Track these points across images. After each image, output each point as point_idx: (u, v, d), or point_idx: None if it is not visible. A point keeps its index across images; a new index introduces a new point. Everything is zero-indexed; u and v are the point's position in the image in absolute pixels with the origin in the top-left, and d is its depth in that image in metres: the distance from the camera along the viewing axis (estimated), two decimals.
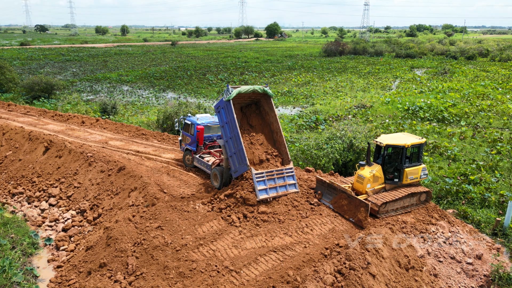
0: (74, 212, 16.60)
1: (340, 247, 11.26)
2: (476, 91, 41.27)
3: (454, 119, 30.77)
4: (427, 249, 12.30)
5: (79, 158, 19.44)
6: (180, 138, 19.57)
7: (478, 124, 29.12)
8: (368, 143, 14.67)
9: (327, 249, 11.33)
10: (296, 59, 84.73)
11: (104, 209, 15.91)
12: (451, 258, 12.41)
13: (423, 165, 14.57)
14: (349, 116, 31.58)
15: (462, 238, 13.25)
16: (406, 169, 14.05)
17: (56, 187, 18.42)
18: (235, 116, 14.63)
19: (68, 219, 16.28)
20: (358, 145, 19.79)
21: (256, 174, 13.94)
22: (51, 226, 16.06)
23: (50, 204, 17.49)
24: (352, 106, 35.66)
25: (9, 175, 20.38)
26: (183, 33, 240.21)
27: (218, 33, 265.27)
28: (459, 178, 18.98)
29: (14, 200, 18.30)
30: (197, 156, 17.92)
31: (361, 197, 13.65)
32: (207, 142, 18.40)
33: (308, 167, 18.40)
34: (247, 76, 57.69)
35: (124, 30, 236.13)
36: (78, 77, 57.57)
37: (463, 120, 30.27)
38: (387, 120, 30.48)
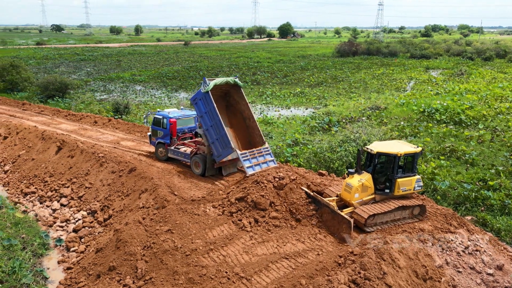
0: (85, 213, 16.55)
1: (355, 255, 10.87)
2: (494, 93, 40.21)
3: (472, 122, 29.95)
4: (446, 259, 11.83)
5: (91, 158, 19.42)
6: (149, 133, 20.34)
7: (496, 127, 28.29)
8: (359, 150, 13.76)
9: (341, 257, 10.97)
10: (308, 59, 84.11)
11: (115, 210, 15.81)
12: (471, 268, 11.91)
13: (417, 176, 13.57)
14: (363, 118, 31.04)
15: (482, 247, 12.72)
16: (398, 180, 13.06)
17: (67, 187, 18.43)
18: (215, 105, 16.08)
19: (79, 219, 16.23)
20: None
21: (241, 154, 15.66)
22: (62, 227, 16.03)
23: (62, 204, 17.49)
24: (366, 107, 35.05)
25: (22, 174, 20.49)
26: (196, 33, 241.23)
27: (231, 33, 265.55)
28: (477, 183, 18.38)
29: (26, 200, 18.36)
30: (172, 148, 19.02)
31: (347, 210, 12.88)
32: (179, 134, 19.58)
33: (321, 171, 18.04)
34: (259, 77, 57.43)
35: (138, 30, 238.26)
36: (92, 76, 58.07)
37: (481, 123, 29.44)
38: (402, 123, 29.86)
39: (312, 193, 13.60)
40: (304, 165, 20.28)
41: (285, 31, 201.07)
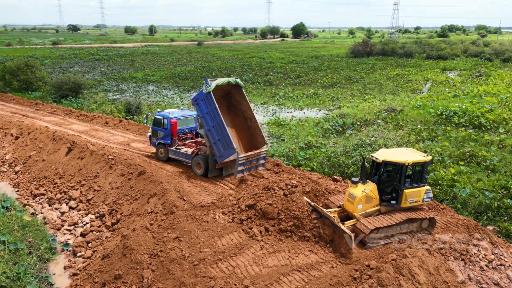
0: (93, 217, 16.28)
1: (371, 269, 10.28)
2: None
3: (492, 125, 28.88)
4: (468, 274, 11.13)
5: (100, 160, 19.17)
6: (149, 133, 20.18)
7: None
8: (363, 158, 12.99)
9: (356, 270, 10.37)
10: (322, 60, 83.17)
11: (123, 214, 15.48)
12: (495, 284, 11.18)
13: (426, 187, 12.70)
14: (378, 121, 30.24)
15: (506, 261, 11.97)
16: (406, 191, 12.22)
17: (77, 189, 18.21)
18: (216, 105, 16.02)
19: (87, 223, 15.96)
20: None
21: (240, 157, 15.78)
22: (69, 230, 15.79)
23: (70, 207, 17.26)
24: (381, 109, 34.21)
25: (32, 175, 20.38)
26: (209, 33, 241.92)
27: (244, 33, 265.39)
28: (500, 191, 17.52)
29: (36, 202, 18.21)
30: (172, 148, 18.89)
31: (349, 222, 12.11)
32: (180, 135, 19.40)
33: (335, 176, 17.43)
34: (272, 77, 56.85)
35: (152, 30, 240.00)
36: (105, 76, 58.33)
37: (502, 127, 28.35)
38: (419, 126, 28.98)
39: (312, 203, 12.77)
40: (317, 169, 19.68)
41: (299, 31, 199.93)
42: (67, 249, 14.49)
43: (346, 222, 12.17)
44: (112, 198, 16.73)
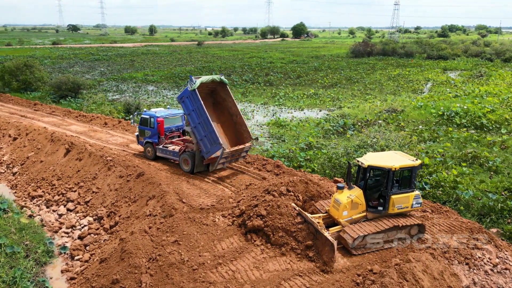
0: (91, 219, 16.06)
1: (374, 273, 10.06)
2: None
3: (494, 126, 28.65)
4: (473, 278, 10.91)
5: (99, 161, 18.96)
6: (136, 133, 20.37)
7: None
8: (349, 162, 12.51)
9: (359, 275, 10.15)
10: (322, 60, 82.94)
11: (121, 217, 15.26)
12: None
13: (416, 192, 12.18)
14: (379, 121, 30.02)
15: (511, 265, 11.76)
16: (393, 196, 11.72)
17: (75, 191, 17.99)
18: (202, 102, 16.38)
19: (85, 226, 15.74)
20: None
21: (225, 152, 16.30)
22: (67, 233, 15.55)
23: (68, 209, 17.04)
24: (382, 110, 33.98)
25: (30, 176, 20.16)
26: (209, 33, 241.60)
27: (244, 33, 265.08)
28: (503, 193, 17.31)
29: (33, 204, 17.98)
30: (160, 147, 19.14)
31: (334, 229, 11.72)
32: (167, 133, 19.68)
33: (336, 178, 17.21)
34: (272, 77, 56.63)
35: (152, 30, 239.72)
36: (105, 76, 58.11)
37: (504, 128, 28.13)
38: (420, 126, 28.76)
39: (297, 208, 12.35)
40: (318, 170, 19.47)
41: (299, 31, 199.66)
42: (64, 252, 14.25)
43: (330, 229, 11.75)
44: (110, 200, 16.51)
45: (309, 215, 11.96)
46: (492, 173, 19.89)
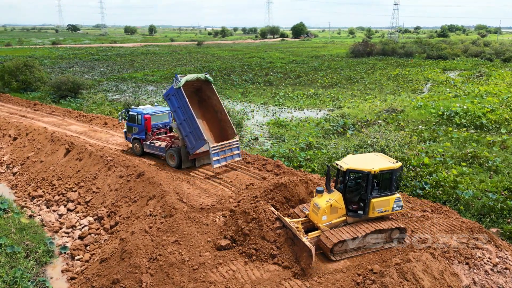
0: (91, 219, 16.07)
1: (374, 273, 10.08)
2: None
3: (494, 126, 28.67)
4: (473, 278, 10.93)
5: (99, 161, 18.97)
6: (124, 130, 20.98)
7: None
8: (328, 166, 12.23)
9: (359, 275, 10.17)
10: (322, 60, 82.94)
11: (122, 217, 15.28)
12: None
13: (396, 195, 11.92)
14: (379, 121, 30.03)
15: (511, 265, 11.78)
16: (373, 200, 11.46)
17: (75, 191, 18.00)
18: (187, 100, 17.02)
19: (85, 226, 15.75)
20: (391, 154, 18.39)
21: (212, 147, 16.74)
22: (67, 233, 15.57)
23: (68, 209, 17.05)
24: (382, 110, 33.99)
25: (30, 177, 20.17)
26: (209, 33, 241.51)
27: (244, 33, 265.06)
28: (503, 193, 17.32)
29: (33, 204, 17.99)
30: (147, 143, 19.78)
31: (314, 234, 11.48)
32: (154, 130, 20.30)
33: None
34: (272, 77, 56.63)
35: (151, 30, 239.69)
36: (105, 76, 58.10)
37: (503, 128, 28.15)
38: (420, 126, 28.78)
39: (276, 212, 12.06)
40: (318, 170, 19.48)
41: (299, 31, 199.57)
42: (64, 252, 14.26)
43: (310, 234, 11.53)
44: (110, 200, 16.52)
45: (288, 219, 11.73)
46: (492, 173, 19.90)
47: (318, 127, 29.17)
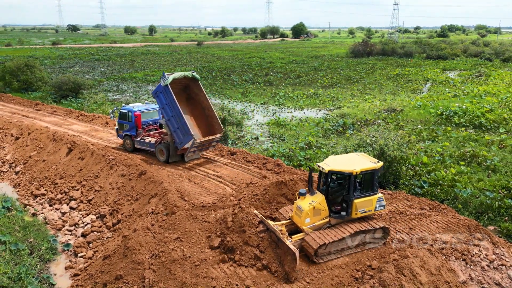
0: (94, 217, 16.27)
1: (373, 269, 10.28)
2: None
3: (492, 125, 28.88)
4: (470, 274, 11.14)
5: (101, 160, 19.17)
6: (116, 127, 21.60)
7: None
8: (310, 168, 12.17)
9: (358, 271, 10.38)
10: (322, 60, 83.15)
11: (124, 215, 15.47)
12: (496, 284, 11.18)
13: (379, 195, 11.95)
14: (379, 121, 30.24)
15: (508, 261, 11.98)
16: (356, 201, 11.45)
17: (77, 190, 18.19)
18: (174, 97, 17.69)
19: (88, 224, 15.95)
20: (390, 153, 18.57)
21: (196, 143, 17.79)
22: (70, 231, 15.76)
23: (71, 208, 17.24)
24: (381, 109, 34.21)
25: (33, 175, 20.36)
26: (209, 33, 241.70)
27: (244, 33, 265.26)
28: (500, 191, 17.52)
29: (36, 202, 18.19)
30: (138, 139, 20.46)
31: (297, 236, 11.40)
32: (144, 126, 20.95)
33: None
34: (272, 77, 56.84)
35: (151, 30, 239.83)
36: (105, 76, 58.32)
37: (502, 127, 28.36)
38: (419, 126, 28.98)
39: (260, 215, 12.04)
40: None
41: (299, 31, 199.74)
42: (68, 250, 14.47)
43: (294, 236, 11.45)
44: (113, 199, 16.72)
45: (271, 222, 11.69)
46: (490, 171, 20.11)
47: (318, 126, 29.38)
